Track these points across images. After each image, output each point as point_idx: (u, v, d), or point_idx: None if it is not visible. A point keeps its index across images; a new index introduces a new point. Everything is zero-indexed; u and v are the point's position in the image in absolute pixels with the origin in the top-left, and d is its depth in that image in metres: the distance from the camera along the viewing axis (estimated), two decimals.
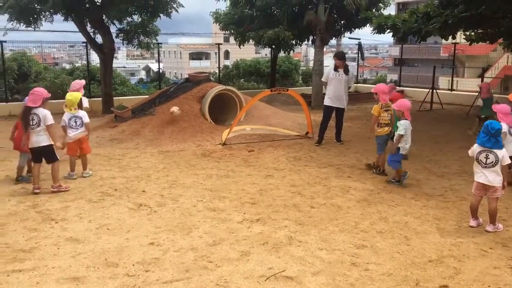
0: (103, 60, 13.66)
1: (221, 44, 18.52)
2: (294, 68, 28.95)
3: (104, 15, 13.21)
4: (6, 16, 12.32)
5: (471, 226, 5.25)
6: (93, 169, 7.66)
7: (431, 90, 14.94)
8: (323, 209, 5.93)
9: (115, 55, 14.88)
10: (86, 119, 7.26)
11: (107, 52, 13.44)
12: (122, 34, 13.87)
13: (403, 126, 6.71)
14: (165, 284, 3.97)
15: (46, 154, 6.48)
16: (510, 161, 5.09)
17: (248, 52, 31.35)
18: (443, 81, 24.61)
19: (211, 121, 10.87)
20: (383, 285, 3.96)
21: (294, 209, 5.91)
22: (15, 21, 12.49)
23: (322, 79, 9.65)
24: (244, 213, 5.73)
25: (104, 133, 10.22)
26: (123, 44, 14.45)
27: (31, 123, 6.30)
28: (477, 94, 11.95)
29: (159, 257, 4.48)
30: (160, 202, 6.13)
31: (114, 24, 13.72)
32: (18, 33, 13.64)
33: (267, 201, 6.21)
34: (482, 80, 14.83)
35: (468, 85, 20.50)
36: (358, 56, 20.85)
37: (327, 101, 9.78)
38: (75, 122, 7.17)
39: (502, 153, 4.99)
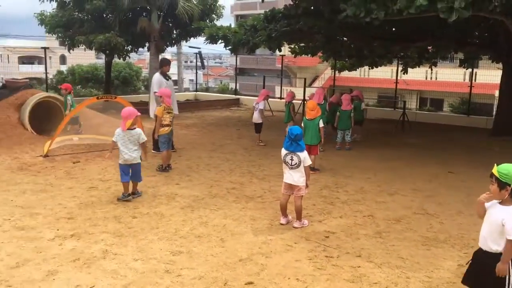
0: None
1: (48, 48, 17.12)
2: (135, 75, 28.31)
3: None
4: None
5: (281, 224, 5.69)
6: None
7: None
8: (146, 218, 5.84)
9: None
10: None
11: None
12: None
13: (116, 134, 6.53)
14: None
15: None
16: (310, 162, 5.67)
17: (88, 57, 29.61)
18: (279, 90, 26.45)
19: (33, 131, 9.99)
20: None
21: (114, 221, 5.71)
22: None
23: (155, 91, 9.38)
24: (58, 230, 5.35)
25: None
26: None
27: None
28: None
29: None
30: None
31: None
32: None
33: (86, 214, 5.89)
34: (304, 90, 16.24)
35: (299, 94, 22.33)
36: (196, 64, 21.22)
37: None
38: None
39: (303, 155, 5.51)
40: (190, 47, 24.31)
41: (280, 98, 18.95)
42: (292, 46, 15.41)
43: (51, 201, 6.35)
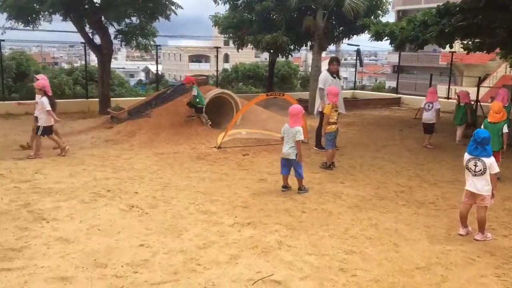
0: (101, 60, 13.71)
1: (220, 47, 18.63)
2: (293, 73, 29.08)
3: (102, 16, 13.27)
4: (5, 15, 12.38)
5: (460, 235, 5.28)
6: (87, 170, 7.69)
7: None
8: (314, 214, 5.95)
9: (114, 56, 14.98)
10: None
11: (105, 53, 13.48)
12: (120, 36, 13.92)
13: (283, 128, 6.86)
14: (153, 286, 3.99)
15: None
16: (498, 170, 5.12)
17: (247, 56, 31.51)
18: (441, 89, 24.70)
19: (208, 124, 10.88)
20: None
21: (285, 213, 5.93)
22: (14, 20, 12.55)
23: (321, 87, 9.61)
24: (236, 217, 5.75)
25: (99, 133, 10.25)
26: (121, 45, 14.51)
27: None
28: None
29: (148, 259, 4.49)
30: (152, 204, 6.15)
31: (112, 25, 13.78)
32: (19, 32, 13.70)
33: (259, 205, 6.23)
34: (478, 90, 14.86)
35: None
36: (356, 62, 20.92)
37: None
38: None
39: (490, 161, 5.02)
40: (348, 44, 24.12)
41: (447, 98, 17.64)
42: (465, 42, 14.19)
43: (227, 190, 6.86)
